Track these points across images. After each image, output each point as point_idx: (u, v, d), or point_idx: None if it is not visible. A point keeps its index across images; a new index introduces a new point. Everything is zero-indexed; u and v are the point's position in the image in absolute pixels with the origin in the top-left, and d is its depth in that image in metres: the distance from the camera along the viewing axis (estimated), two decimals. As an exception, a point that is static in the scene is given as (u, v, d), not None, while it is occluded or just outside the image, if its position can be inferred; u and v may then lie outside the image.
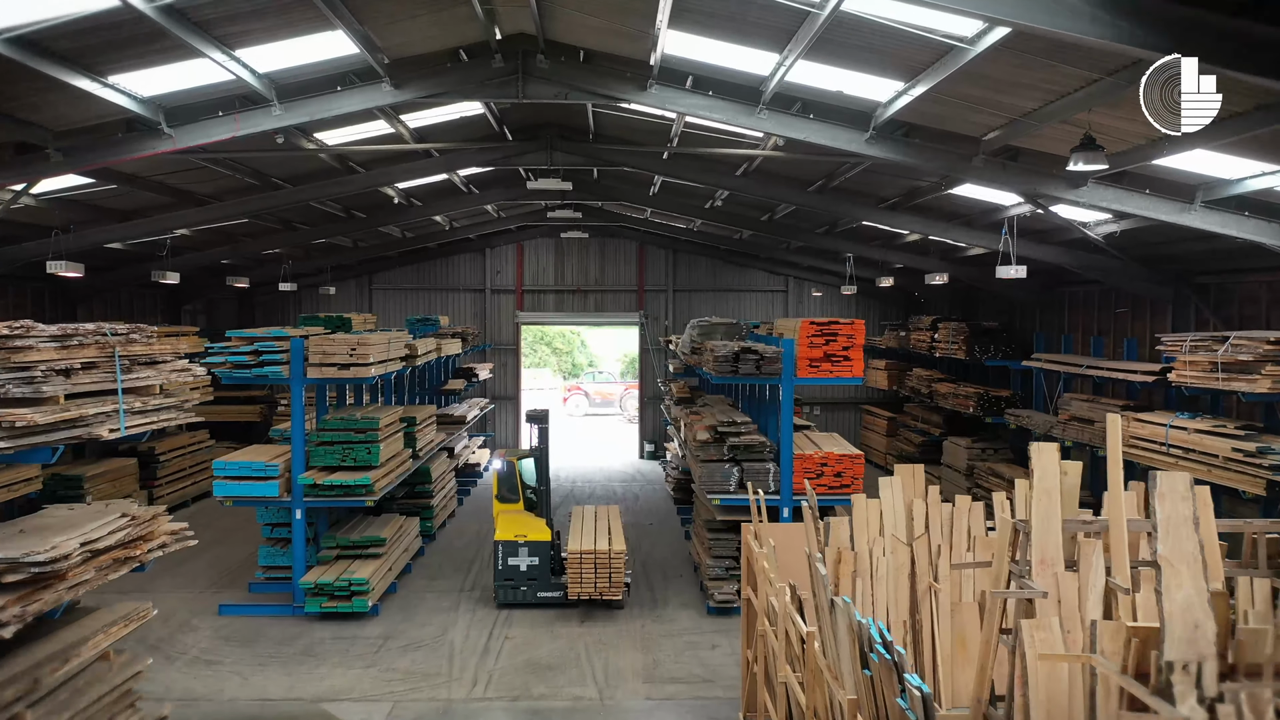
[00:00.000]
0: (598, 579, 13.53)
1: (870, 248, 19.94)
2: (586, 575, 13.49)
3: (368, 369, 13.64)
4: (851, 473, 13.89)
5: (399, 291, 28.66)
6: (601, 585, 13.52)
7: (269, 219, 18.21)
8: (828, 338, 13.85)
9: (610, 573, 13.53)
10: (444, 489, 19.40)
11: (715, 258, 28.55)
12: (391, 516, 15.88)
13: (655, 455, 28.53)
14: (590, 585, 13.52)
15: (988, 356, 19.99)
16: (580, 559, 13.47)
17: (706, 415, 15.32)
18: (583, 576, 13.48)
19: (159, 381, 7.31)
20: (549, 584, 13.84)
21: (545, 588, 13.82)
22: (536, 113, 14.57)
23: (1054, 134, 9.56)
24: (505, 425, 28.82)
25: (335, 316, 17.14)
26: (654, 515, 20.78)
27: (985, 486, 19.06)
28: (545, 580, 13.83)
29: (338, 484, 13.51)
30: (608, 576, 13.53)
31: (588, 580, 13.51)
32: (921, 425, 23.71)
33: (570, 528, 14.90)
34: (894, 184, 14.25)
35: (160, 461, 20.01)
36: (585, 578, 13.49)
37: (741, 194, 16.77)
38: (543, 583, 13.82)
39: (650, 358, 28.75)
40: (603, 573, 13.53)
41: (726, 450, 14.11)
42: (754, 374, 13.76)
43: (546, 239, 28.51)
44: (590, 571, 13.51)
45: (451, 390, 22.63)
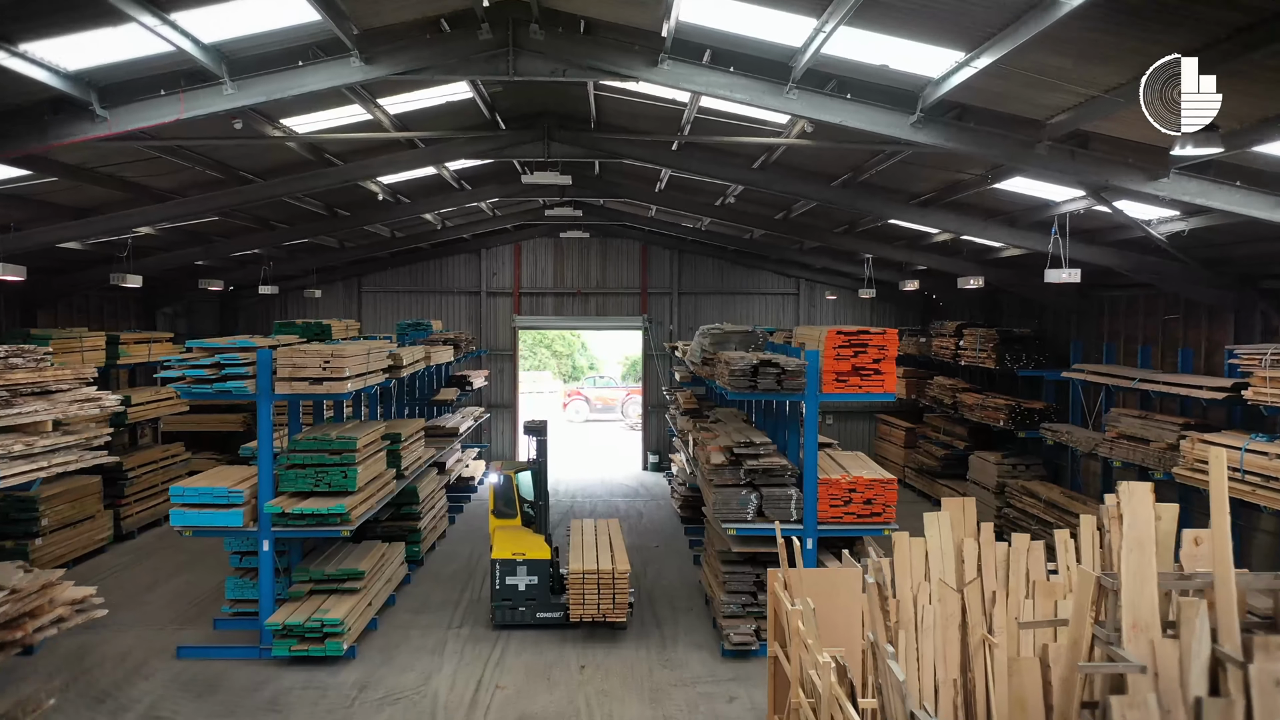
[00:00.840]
0: (600, 600, 12.87)
1: (894, 249, 18.50)
2: (589, 596, 12.84)
3: (343, 384, 12.20)
4: (883, 500, 12.46)
5: (390, 294, 27.23)
6: (605, 607, 12.87)
7: (242, 217, 16.77)
8: (856, 349, 12.42)
9: (614, 594, 12.86)
10: (433, 509, 17.97)
11: (722, 259, 27.12)
12: (373, 544, 14.44)
13: (659, 467, 27.10)
14: (592, 607, 12.87)
15: (1019, 366, 18.55)
16: (582, 579, 12.81)
17: (720, 433, 13.88)
18: (584, 598, 12.83)
19: (53, 416, 5.87)
20: (549, 604, 13.24)
21: (545, 608, 13.23)
22: (531, 98, 13.14)
23: (1131, 115, 8.14)
24: (502, 435, 27.39)
25: (314, 324, 15.70)
26: (660, 536, 19.33)
27: (1018, 507, 17.64)
28: (545, 600, 13.23)
29: (309, 513, 12.07)
30: (611, 598, 12.86)
31: (590, 601, 12.86)
32: (944, 437, 22.26)
33: (570, 543, 14.21)
34: (931, 177, 12.82)
35: (128, 478, 18.57)
36: (587, 599, 12.84)
37: (757, 189, 15.33)
38: (542, 602, 13.23)
39: (654, 364, 27.32)
40: (605, 594, 12.86)
41: (743, 474, 12.67)
42: (774, 390, 12.32)
43: (545, 239, 27.09)
44: (592, 592, 12.85)
45: (443, 400, 21.19)
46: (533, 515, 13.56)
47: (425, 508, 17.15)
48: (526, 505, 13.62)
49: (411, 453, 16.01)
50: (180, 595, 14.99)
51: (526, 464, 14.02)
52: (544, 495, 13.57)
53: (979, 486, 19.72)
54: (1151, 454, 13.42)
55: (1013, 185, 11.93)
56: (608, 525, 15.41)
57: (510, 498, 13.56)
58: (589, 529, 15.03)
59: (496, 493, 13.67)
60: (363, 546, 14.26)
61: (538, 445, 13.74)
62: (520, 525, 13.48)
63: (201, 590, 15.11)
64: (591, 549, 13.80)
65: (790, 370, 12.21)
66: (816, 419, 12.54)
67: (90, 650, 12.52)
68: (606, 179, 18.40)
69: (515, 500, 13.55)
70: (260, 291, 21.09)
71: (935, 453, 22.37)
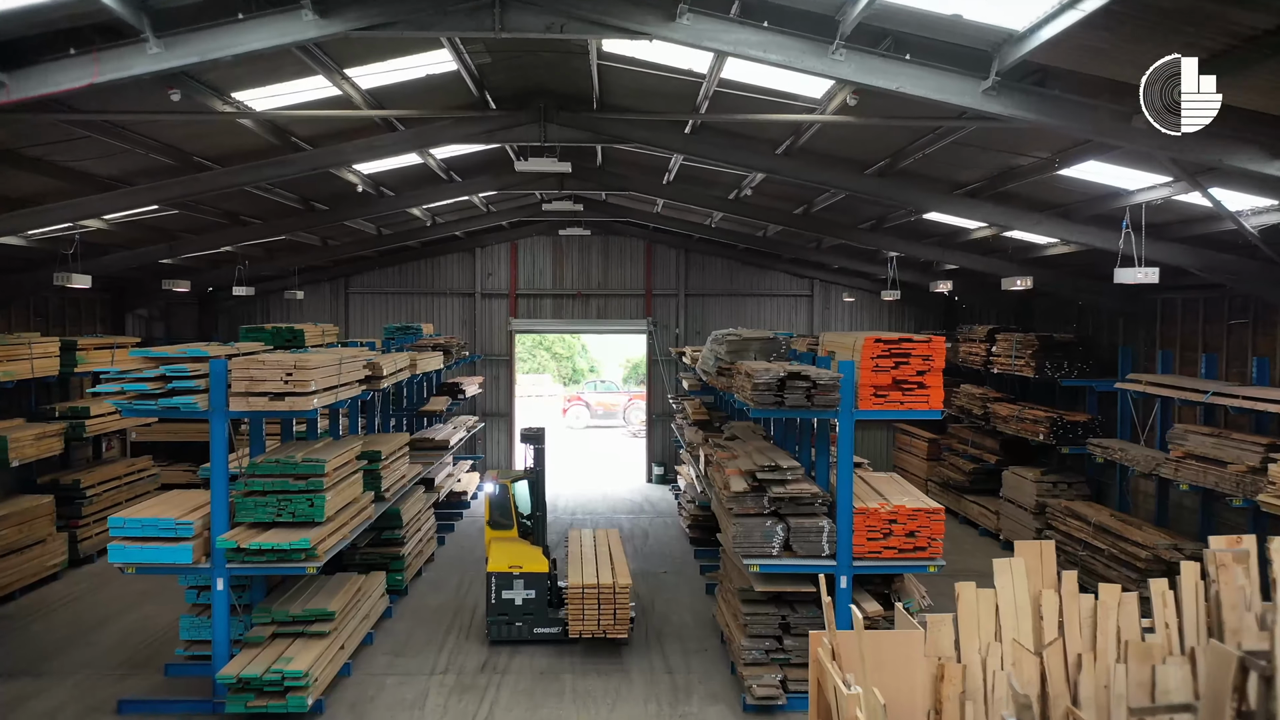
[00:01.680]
0: (600, 616, 12.42)
1: (923, 246, 16.91)
2: (589, 612, 12.40)
3: (309, 399, 10.60)
4: (928, 532, 10.85)
5: (378, 296, 25.65)
6: (605, 622, 12.44)
7: (209, 211, 15.17)
8: (897, 360, 10.82)
9: (615, 609, 12.40)
10: (419, 531, 16.36)
11: (732, 258, 25.54)
12: (347, 577, 12.83)
13: (665, 479, 25.50)
14: (592, 623, 12.44)
15: (1061, 375, 16.95)
16: (582, 594, 12.35)
17: (739, 453, 12.27)
18: (584, 613, 12.40)
19: None
20: (546, 618, 12.82)
21: (543, 623, 12.82)
22: (526, 72, 11.57)
23: (1265, 76, 6.57)
24: (498, 446, 25.79)
25: (285, 329, 14.14)
26: (667, 559, 17.72)
27: (1062, 530, 16.03)
28: (543, 614, 12.82)
29: (269, 547, 10.47)
30: (611, 613, 12.41)
31: (589, 617, 12.43)
32: (972, 450, 20.66)
33: (569, 554, 13.85)
34: (982, 163, 11.21)
35: (86, 497, 16.97)
36: (587, 614, 12.41)
37: (779, 179, 13.75)
38: (540, 617, 12.82)
39: (659, 370, 25.72)
40: (606, 609, 12.41)
41: (767, 503, 11.07)
42: (804, 406, 10.71)
43: (543, 237, 25.51)
44: (592, 608, 12.40)
45: (432, 411, 19.59)
46: (530, 526, 13.11)
47: (410, 531, 15.55)
48: (524, 516, 13.15)
49: (394, 472, 14.41)
50: (134, 632, 13.40)
51: (523, 473, 13.45)
52: (541, 506, 13.15)
53: (1014, 505, 18.12)
54: (1228, 478, 11.82)
55: (1081, 171, 10.35)
56: (607, 536, 14.82)
57: (506, 508, 13.07)
58: (588, 540, 14.53)
59: (492, 503, 13.14)
60: (335, 580, 12.67)
61: (535, 454, 13.34)
62: (517, 537, 13.02)
63: (158, 626, 13.51)
64: (591, 562, 13.29)
65: (823, 384, 10.61)
66: (852, 439, 10.95)
67: (17, 706, 10.91)
68: (609, 170, 16.80)
69: (512, 511, 13.06)
70: (235, 293, 19.49)
71: (963, 466, 20.76)
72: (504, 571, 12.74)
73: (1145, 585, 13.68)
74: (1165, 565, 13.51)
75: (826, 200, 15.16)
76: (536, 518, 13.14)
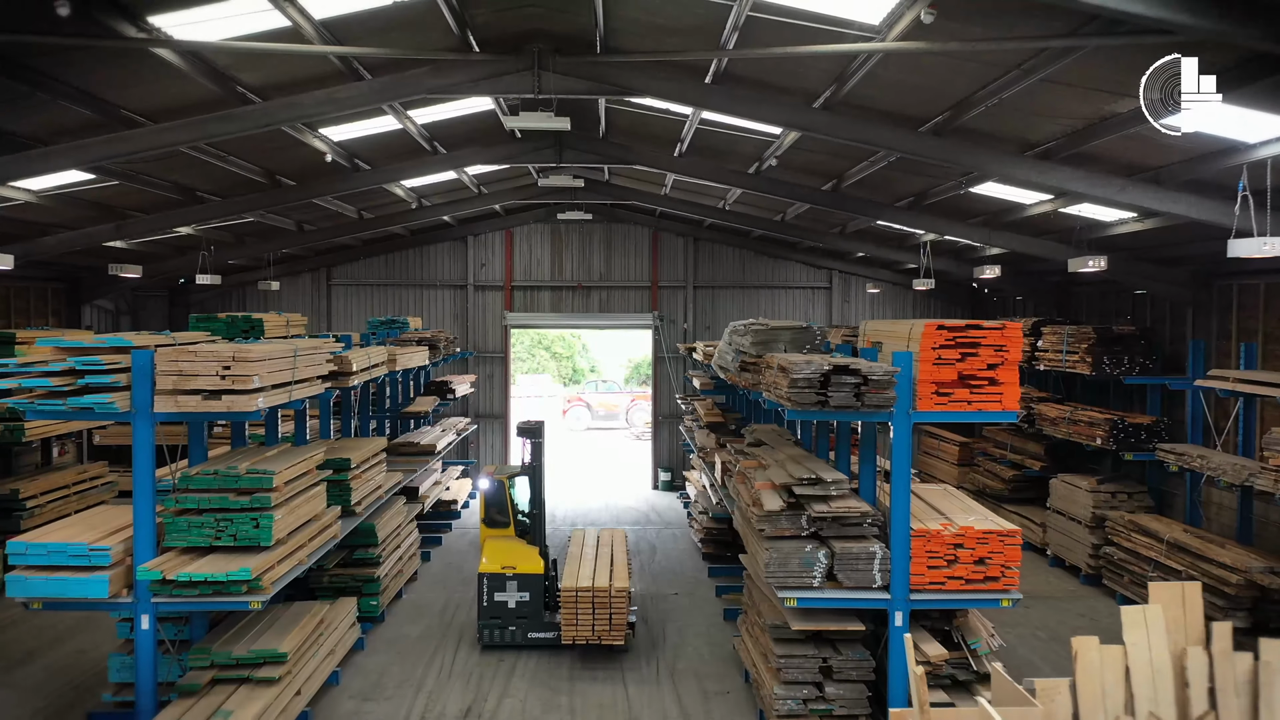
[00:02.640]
0: (596, 621, 11.67)
1: (967, 227, 15.02)
2: (583, 617, 11.67)
3: (250, 398, 8.74)
4: (1002, 559, 8.98)
5: (363, 288, 23.78)
6: (600, 628, 11.68)
7: (155, 183, 13.27)
8: (964, 350, 8.96)
9: (610, 614, 11.67)
10: (399, 549, 14.47)
11: (744, 247, 23.68)
12: (308, 606, 10.95)
13: (672, 485, 23.61)
14: (587, 628, 11.69)
15: (1122, 371, 15.07)
16: (575, 597, 11.62)
17: (769, 462, 10.37)
18: (578, 618, 11.67)
19: None
20: (541, 622, 12.10)
21: (537, 627, 12.10)
22: (519, 13, 9.68)
23: None
24: (491, 450, 23.90)
25: (242, 318, 12.28)
26: (678, 579, 15.82)
27: (1127, 547, 14.15)
28: (537, 618, 12.11)
29: (201, 579, 8.61)
30: (607, 618, 11.67)
31: (584, 622, 11.69)
32: (1012, 455, 18.76)
33: (568, 555, 13.14)
34: (1074, 109, 9.25)
35: (26, 509, 15.09)
36: (581, 619, 11.68)
37: (812, 143, 11.88)
38: (534, 621, 12.10)
39: (665, 368, 23.84)
40: (601, 613, 11.66)
41: (806, 523, 9.19)
42: (852, 407, 8.82)
43: (541, 225, 23.65)
44: (587, 612, 11.66)
45: (417, 413, 17.71)
46: (528, 524, 12.51)
47: (387, 549, 13.67)
48: (521, 514, 12.57)
49: (366, 482, 12.54)
50: (62, 670, 11.51)
51: (521, 468, 12.74)
52: (540, 503, 12.55)
53: (1064, 517, 16.23)
54: (1349, 492, 9.95)
55: (1195, 119, 8.41)
56: (611, 536, 14.07)
57: (503, 505, 12.51)
58: (590, 540, 13.86)
59: (488, 500, 12.61)
60: (294, 611, 10.78)
61: (533, 448, 12.59)
62: (514, 535, 12.46)
63: (90, 662, 11.62)
64: (589, 562, 12.61)
65: (876, 379, 8.72)
66: (910, 447, 9.07)
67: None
68: (614, 141, 14.93)
69: (509, 507, 12.49)
70: (200, 282, 17.59)
71: (1001, 473, 18.87)
72: (496, 572, 12.01)
73: (1237, 615, 11.74)
74: (1260, 591, 11.65)
75: (861, 173, 13.27)
76: (534, 515, 12.47)
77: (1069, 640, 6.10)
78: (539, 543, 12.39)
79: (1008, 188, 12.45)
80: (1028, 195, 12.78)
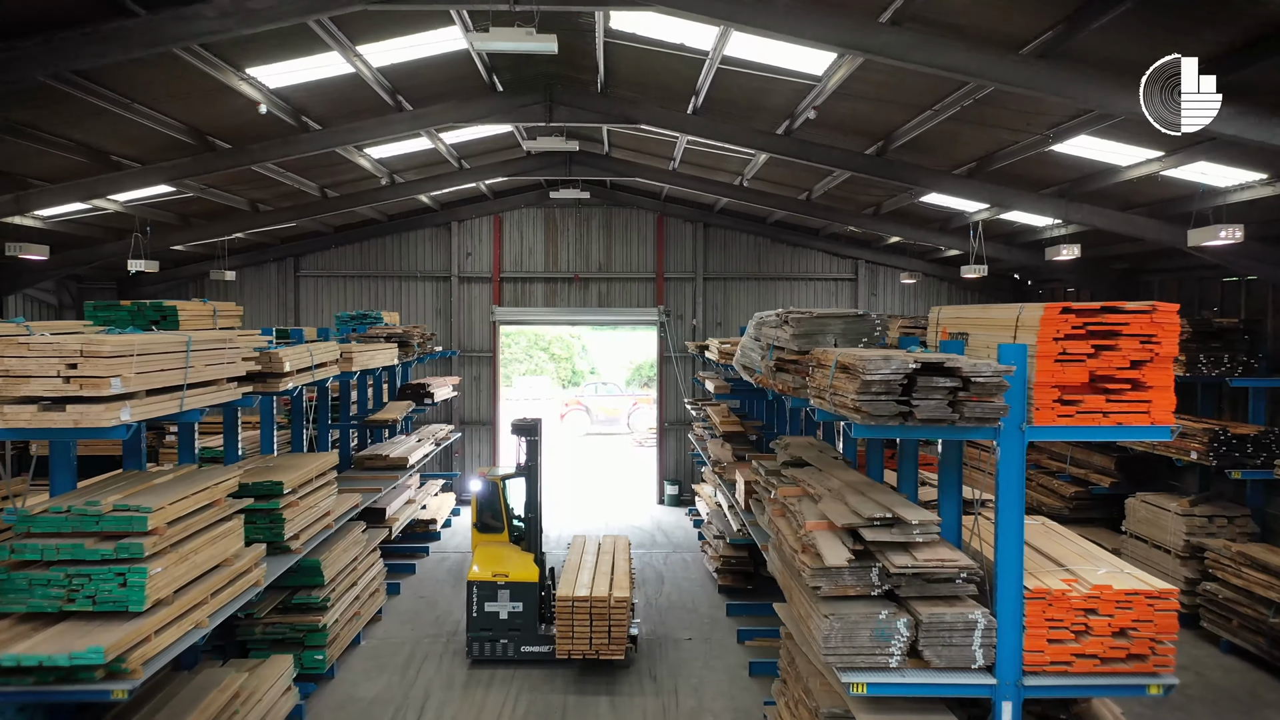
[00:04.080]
0: (594, 633, 10.80)
1: (1039, 199, 12.52)
2: (580, 628, 10.82)
3: (109, 409, 6.27)
4: (1151, 630, 6.51)
5: (334, 280, 21.31)
6: (599, 641, 10.83)
7: (56, 142, 10.81)
8: (1098, 343, 6.50)
9: (610, 626, 10.83)
10: (355, 586, 11.98)
11: (759, 234, 21.24)
12: (217, 675, 8.48)
13: (680, 500, 21.15)
14: (584, 641, 10.83)
15: (1222, 372, 12.61)
16: (571, 608, 10.82)
17: (820, 490, 7.85)
18: (575, 630, 10.81)
19: None
20: (535, 635, 11.31)
21: (531, 640, 11.31)
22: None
23: None
24: (478, 460, 21.41)
25: (151, 306, 9.79)
26: (691, 616, 13.35)
27: (1236, 584, 11.68)
28: (531, 631, 11.32)
29: (34, 663, 6.14)
30: (606, 630, 10.82)
31: (581, 635, 10.82)
32: (1074, 470, 16.27)
33: (565, 563, 12.37)
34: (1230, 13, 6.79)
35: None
36: (577, 631, 10.83)
37: (872, 77, 9.37)
38: (528, 634, 11.32)
39: (673, 369, 21.36)
40: (600, 625, 10.80)
41: (879, 578, 6.71)
42: (945, 420, 6.33)
43: (533, 209, 21.22)
44: (584, 623, 10.80)
45: (385, 420, 15.22)
46: (522, 530, 11.83)
47: (337, 589, 11.19)
48: (515, 518, 11.96)
49: (306, 510, 10.08)
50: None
51: (516, 470, 11.94)
52: (536, 506, 11.77)
53: (1146, 544, 13.75)
54: None
55: None
56: (613, 543, 13.13)
57: (497, 509, 11.86)
58: (590, 547, 12.94)
59: (480, 503, 11.98)
60: (201, 679, 8.33)
61: (528, 446, 11.80)
62: (508, 541, 11.81)
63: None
64: (588, 570, 11.80)
65: (981, 382, 6.24)
66: (1023, 473, 6.61)
67: None
68: (616, 94, 12.48)
69: (502, 512, 11.83)
70: (132, 268, 15.10)
71: (1060, 490, 16.38)
72: (488, 580, 11.22)
73: None
74: None
75: (918, 128, 10.77)
76: (530, 519, 11.71)
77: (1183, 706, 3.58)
78: (534, 549, 11.58)
79: (1110, 143, 9.96)
80: (1129, 153, 10.30)
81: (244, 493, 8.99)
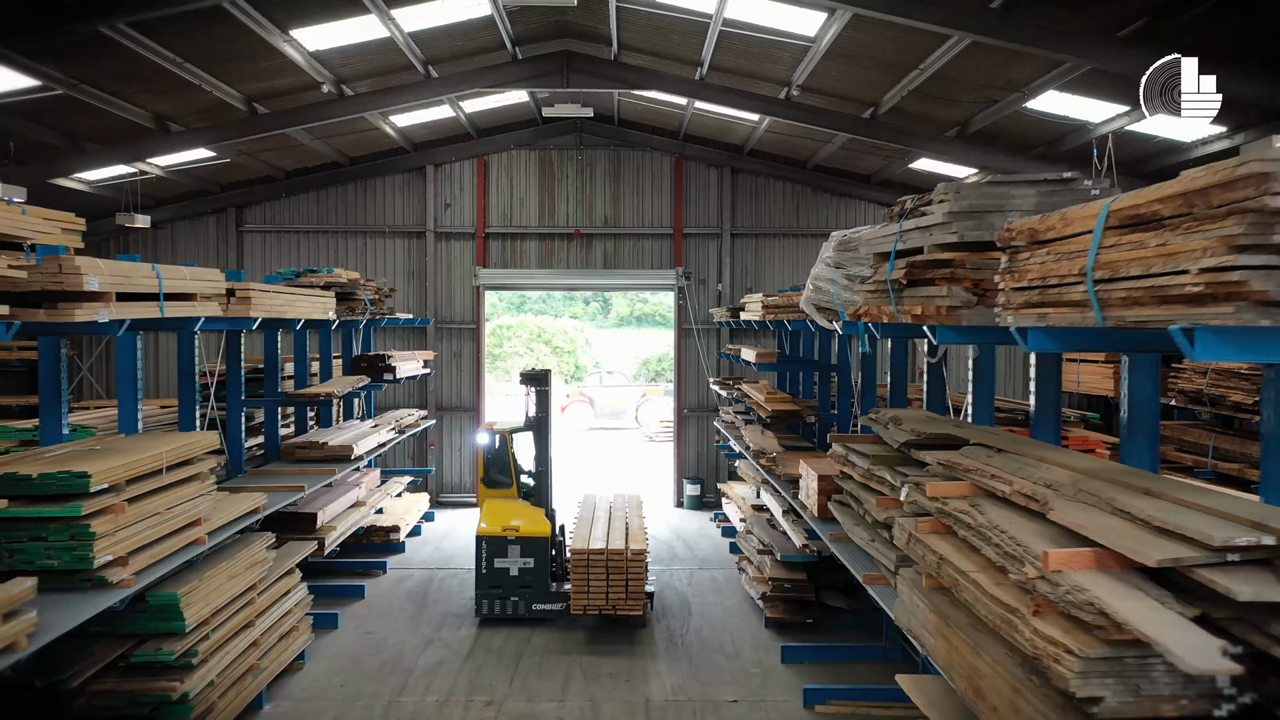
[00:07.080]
0: (610, 588, 10.08)
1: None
2: (595, 583, 10.11)
3: None
4: None
5: (285, 235, 17.67)
6: (615, 596, 10.11)
7: None
8: None
9: (627, 579, 10.11)
10: (249, 630, 8.25)
11: (797, 181, 17.61)
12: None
13: (702, 503, 17.46)
14: (600, 596, 10.12)
15: None
16: (588, 560, 10.09)
17: (1029, 487, 4.17)
18: (590, 584, 10.12)
19: None
20: (547, 593, 10.67)
21: (542, 597, 10.66)
22: None
23: None
24: (456, 452, 17.75)
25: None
26: (732, 662, 9.64)
27: None
28: (543, 588, 10.68)
29: None
30: (623, 584, 10.10)
31: (596, 589, 10.12)
32: (1219, 464, 12.53)
33: (578, 519, 11.60)
34: None
35: None
36: (594, 586, 10.12)
37: None
38: (539, 591, 10.68)
39: (694, 344, 17.70)
40: (617, 579, 10.07)
41: (1228, 682, 3.00)
42: None
43: (525, 150, 17.59)
44: (600, 577, 10.09)
45: (319, 395, 11.47)
46: (531, 486, 11.32)
47: (212, 636, 7.48)
48: (524, 473, 11.43)
49: (145, 520, 6.39)
50: None
51: (524, 423, 11.33)
52: (546, 460, 11.21)
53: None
54: None
55: None
56: (626, 500, 12.51)
57: (504, 463, 11.35)
58: (602, 504, 12.33)
59: (487, 458, 11.46)
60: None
61: (538, 397, 11.22)
62: (516, 497, 11.21)
63: None
64: (603, 524, 11.14)
65: None
66: None
67: None
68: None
69: (510, 465, 11.31)
70: (-6, 197, 11.42)
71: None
72: (497, 535, 10.71)
73: None
74: None
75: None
76: (540, 474, 11.32)
77: None
78: (545, 504, 11.13)
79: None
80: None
81: (23, 490, 5.32)
